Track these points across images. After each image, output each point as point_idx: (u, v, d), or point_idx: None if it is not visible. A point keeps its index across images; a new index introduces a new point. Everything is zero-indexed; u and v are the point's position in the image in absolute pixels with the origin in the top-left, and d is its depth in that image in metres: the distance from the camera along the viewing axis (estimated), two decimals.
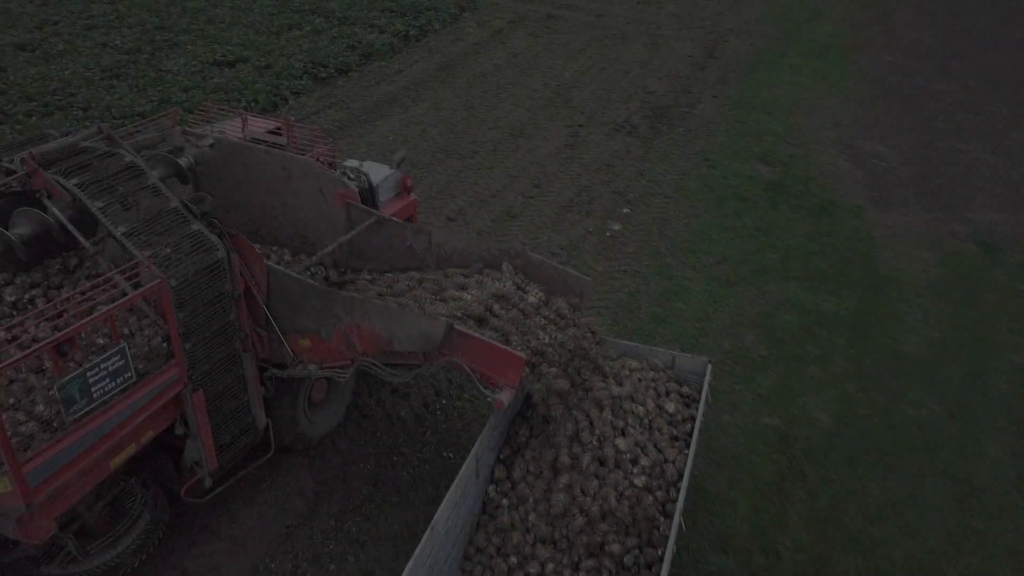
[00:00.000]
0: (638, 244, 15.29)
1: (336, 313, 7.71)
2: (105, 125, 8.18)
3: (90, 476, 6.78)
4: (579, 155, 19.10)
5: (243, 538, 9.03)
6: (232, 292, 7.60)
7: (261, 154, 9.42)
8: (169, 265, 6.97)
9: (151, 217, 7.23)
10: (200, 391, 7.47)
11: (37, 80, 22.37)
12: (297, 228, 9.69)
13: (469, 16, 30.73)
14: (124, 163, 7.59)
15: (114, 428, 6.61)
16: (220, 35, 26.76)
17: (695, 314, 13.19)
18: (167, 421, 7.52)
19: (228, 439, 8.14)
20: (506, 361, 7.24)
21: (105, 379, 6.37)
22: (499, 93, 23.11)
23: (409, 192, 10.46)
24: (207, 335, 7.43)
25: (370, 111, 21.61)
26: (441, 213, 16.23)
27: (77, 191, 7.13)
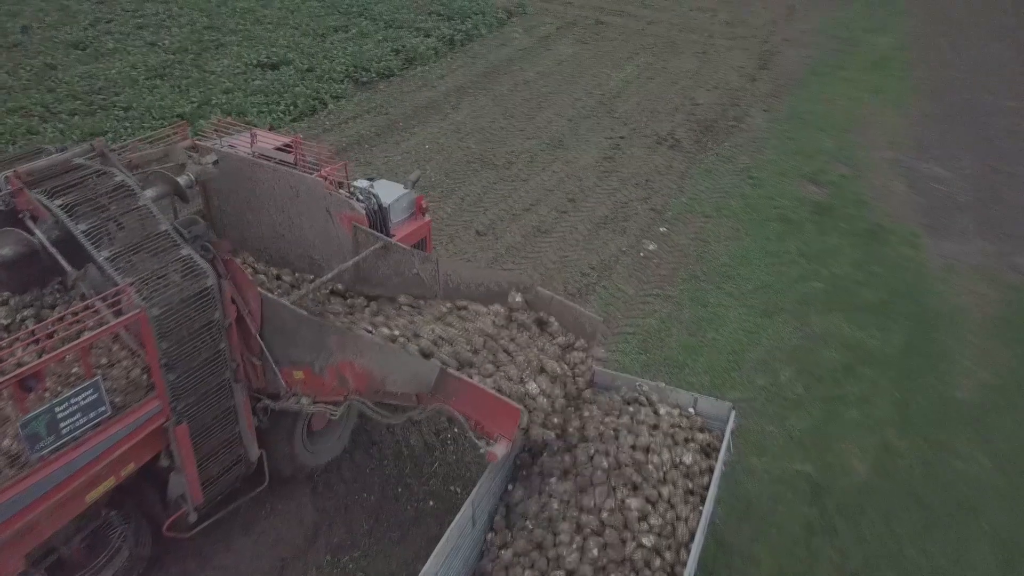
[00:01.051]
0: (673, 266, 14.62)
1: (330, 347, 7.31)
2: (98, 142, 7.86)
3: (64, 511, 6.48)
4: (618, 169, 18.46)
5: (236, 568, 8.69)
6: (222, 321, 7.23)
7: (269, 171, 9.09)
8: (152, 293, 6.61)
9: (138, 241, 6.89)
10: (184, 424, 7.12)
11: (85, 79, 22.62)
12: (305, 249, 9.34)
13: (517, 21, 30.28)
14: (114, 183, 7.25)
15: (87, 464, 6.31)
16: (266, 36, 26.80)
17: (729, 345, 12.48)
18: (151, 453, 7.19)
19: (217, 472, 7.78)
20: (501, 411, 6.74)
21: (76, 414, 6.05)
22: (541, 101, 22.59)
23: (423, 214, 10.02)
24: (194, 365, 7.06)
25: (409, 117, 21.30)
26: (471, 226, 15.79)
27: (60, 213, 6.81)
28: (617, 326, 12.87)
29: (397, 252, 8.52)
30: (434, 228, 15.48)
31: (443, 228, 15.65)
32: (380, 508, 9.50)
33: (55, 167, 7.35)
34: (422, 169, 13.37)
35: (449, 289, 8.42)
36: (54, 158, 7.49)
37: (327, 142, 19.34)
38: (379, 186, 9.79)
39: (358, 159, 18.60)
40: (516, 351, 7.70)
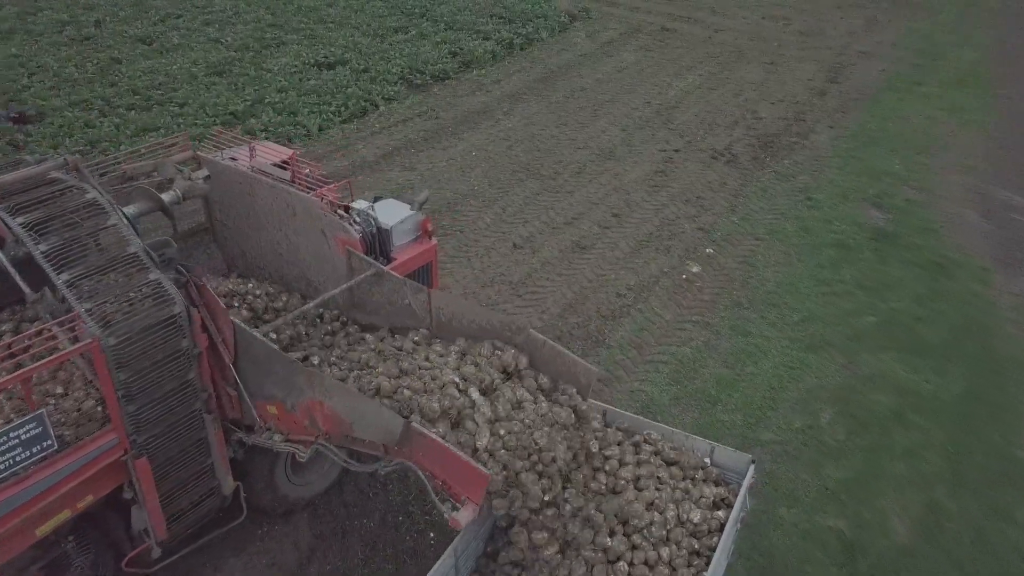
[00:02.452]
0: (716, 291, 13.82)
1: (300, 385, 6.88)
2: (72, 157, 7.51)
3: (10, 545, 6.18)
4: (669, 183, 17.70)
5: None
6: (191, 349, 6.82)
7: (267, 188, 8.76)
8: (110, 320, 6.20)
9: (103, 264, 6.51)
10: (144, 457, 6.74)
11: (147, 74, 23.01)
12: (302, 269, 8.99)
13: (580, 26, 29.67)
14: (84, 200, 6.90)
15: (32, 499, 5.98)
16: (327, 35, 26.86)
17: (767, 381, 11.66)
18: (112, 484, 6.85)
19: (186, 505, 7.40)
20: (469, 474, 6.18)
21: (16, 449, 5.72)
22: (596, 110, 21.95)
23: (430, 237, 9.53)
24: (157, 396, 6.66)
25: (459, 122, 20.94)
26: (509, 239, 15.29)
27: (20, 231, 6.45)
28: (648, 353, 12.18)
29: (390, 280, 8.06)
30: (471, 239, 15.16)
31: (479, 239, 15.21)
32: (378, 537, 9.09)
33: (24, 181, 7.01)
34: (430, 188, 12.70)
35: (441, 323, 7.92)
36: (24, 172, 7.15)
37: (374, 145, 19.17)
38: (383, 206, 9.35)
39: (402, 164, 18.33)
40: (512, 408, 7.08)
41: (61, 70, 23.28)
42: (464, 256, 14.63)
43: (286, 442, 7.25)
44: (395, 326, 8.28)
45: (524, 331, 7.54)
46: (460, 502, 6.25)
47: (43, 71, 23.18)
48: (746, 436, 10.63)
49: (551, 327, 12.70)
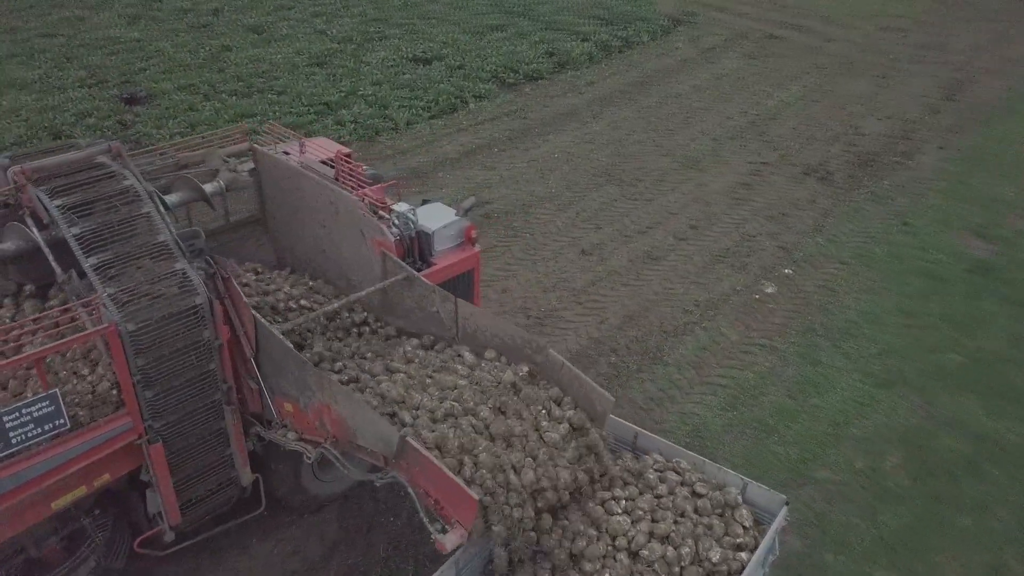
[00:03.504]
0: (789, 315, 13.14)
1: (311, 386, 6.86)
2: (115, 143, 7.69)
3: (25, 515, 6.39)
4: (753, 197, 16.99)
5: (247, 573, 8.57)
6: (212, 341, 6.89)
7: (313, 184, 8.81)
8: (130, 306, 6.31)
9: (131, 250, 6.63)
10: (159, 443, 6.85)
11: (252, 62, 23.93)
12: (342, 267, 9.01)
13: (683, 31, 28.96)
14: (121, 187, 7.06)
15: (44, 474, 6.17)
16: (427, 31, 27.24)
17: (831, 415, 10.98)
18: (129, 466, 7.00)
19: (202, 493, 7.52)
20: (458, 498, 5.98)
21: (28, 424, 5.92)
22: (688, 117, 21.35)
23: (473, 244, 9.31)
24: (176, 384, 6.76)
25: (546, 123, 20.79)
26: (579, 244, 15.04)
27: (56, 213, 6.66)
28: (707, 375, 11.70)
29: (420, 286, 7.97)
30: (539, 242, 14.99)
31: (548, 243, 15.02)
32: (402, 536, 9.08)
33: (68, 165, 7.22)
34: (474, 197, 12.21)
35: (466, 333, 7.77)
36: (70, 156, 7.36)
37: (458, 143, 19.27)
38: (428, 210, 9.22)
39: (483, 163, 18.35)
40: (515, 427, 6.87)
41: (175, 55, 24.53)
42: (529, 259, 14.48)
43: (299, 441, 7.27)
44: (423, 333, 8.21)
45: (544, 351, 7.30)
46: (451, 523, 6.10)
47: (159, 55, 24.48)
48: (799, 472, 10.04)
49: (608, 338, 12.39)
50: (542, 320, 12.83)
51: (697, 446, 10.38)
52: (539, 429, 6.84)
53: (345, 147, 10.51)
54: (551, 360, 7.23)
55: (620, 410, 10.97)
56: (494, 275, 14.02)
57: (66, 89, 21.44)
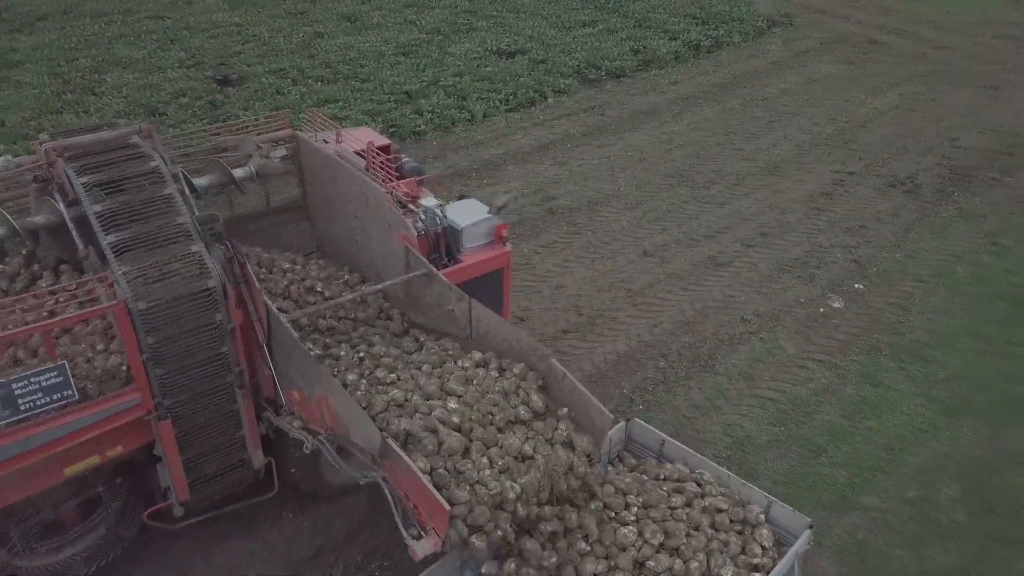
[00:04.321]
0: (854, 331, 12.52)
1: (312, 376, 6.89)
2: (146, 124, 7.85)
3: (39, 479, 6.64)
4: (832, 207, 16.28)
5: (273, 544, 8.79)
6: (225, 324, 6.97)
7: (347, 174, 8.86)
8: (142, 285, 6.44)
9: (150, 230, 6.75)
10: (168, 420, 7.00)
11: (341, 49, 24.50)
12: (371, 258, 9.01)
13: (778, 32, 28.00)
14: (147, 168, 7.18)
15: (52, 442, 6.38)
16: (515, 24, 27.25)
17: (887, 440, 10.41)
18: (141, 440, 7.15)
19: (212, 472, 7.64)
20: (431, 507, 5.91)
21: (36, 393, 6.15)
22: (772, 121, 20.63)
23: (504, 243, 9.17)
24: (187, 364, 6.88)
25: (624, 121, 20.49)
26: (641, 245, 14.76)
27: (81, 190, 6.82)
28: (758, 387, 11.28)
29: (438, 283, 7.90)
30: (601, 240, 14.79)
31: (610, 242, 14.80)
32: None
33: (96, 144, 7.36)
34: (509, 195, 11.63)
35: (479, 335, 7.66)
36: (99, 135, 7.50)
37: (532, 137, 19.21)
38: (460, 206, 9.13)
39: (554, 158, 18.24)
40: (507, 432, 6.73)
41: (270, 40, 25.37)
42: (588, 257, 14.30)
43: (302, 430, 7.30)
44: (440, 330, 8.15)
45: (546, 360, 7.11)
46: (426, 530, 6.04)
47: (255, 40, 25.37)
48: (845, 496, 9.57)
49: (659, 343, 12.11)
50: (593, 319, 12.65)
51: (737, 459, 10.04)
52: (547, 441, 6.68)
53: (386, 139, 10.53)
54: (553, 370, 7.04)
55: (662, 415, 10.73)
56: (550, 271, 13.91)
57: (166, 69, 22.48)
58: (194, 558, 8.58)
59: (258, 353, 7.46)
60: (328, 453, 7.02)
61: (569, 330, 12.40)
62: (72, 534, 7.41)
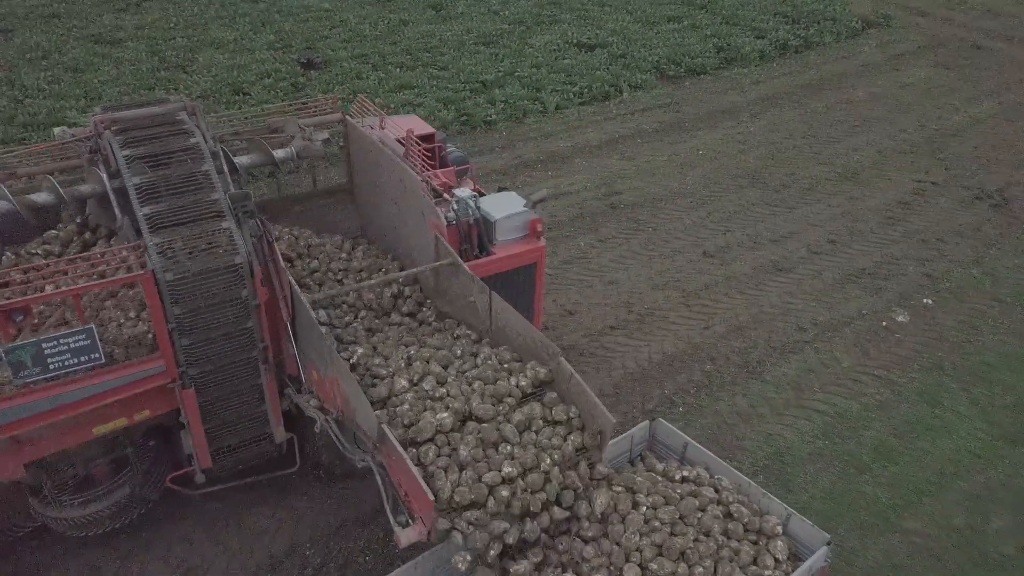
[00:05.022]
0: (917, 348, 11.96)
1: (326, 358, 6.98)
2: (191, 102, 8.05)
3: (69, 435, 6.97)
4: (909, 218, 15.55)
5: (301, 514, 9.04)
6: (251, 300, 7.14)
7: (388, 160, 8.93)
8: (171, 257, 6.64)
9: (184, 204, 6.96)
10: (191, 389, 7.23)
11: (424, 37, 24.82)
12: (409, 244, 9.07)
13: (873, 34, 26.83)
14: (187, 144, 7.39)
15: (79, 401, 6.67)
16: (599, 18, 27.02)
17: (939, 464, 9.91)
18: (168, 406, 7.41)
19: (234, 443, 7.86)
20: (418, 497, 5.92)
21: (65, 354, 6.45)
22: (857, 126, 19.83)
23: (539, 237, 9.06)
24: (212, 336, 7.09)
25: (699, 119, 20.08)
26: (702, 245, 14.46)
27: (122, 162, 7.05)
28: (806, 398, 10.91)
29: (463, 274, 7.88)
30: (661, 238, 14.59)
31: (670, 241, 14.57)
32: None
33: (143, 118, 7.61)
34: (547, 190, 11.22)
35: (497, 327, 7.63)
36: (146, 110, 7.74)
37: (602, 131, 19.05)
38: (497, 199, 9.05)
39: (622, 153, 18.05)
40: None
41: (357, 26, 25.92)
42: (646, 254, 14.11)
43: (318, 409, 7.41)
44: (464, 320, 8.16)
45: (555, 358, 7.02)
46: (414, 519, 6.06)
47: (343, 25, 25.98)
48: (886, 518, 9.17)
49: (708, 345, 11.86)
50: (643, 317, 12.49)
51: (775, 470, 9.76)
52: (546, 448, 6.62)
53: (430, 127, 10.56)
54: (561, 369, 6.95)
55: (702, 419, 10.53)
56: (605, 266, 13.79)
57: (255, 51, 23.27)
58: (227, 520, 8.94)
59: (284, 331, 7.61)
60: (333, 434, 7.13)
61: (616, 326, 12.28)
62: (99, 491, 7.75)
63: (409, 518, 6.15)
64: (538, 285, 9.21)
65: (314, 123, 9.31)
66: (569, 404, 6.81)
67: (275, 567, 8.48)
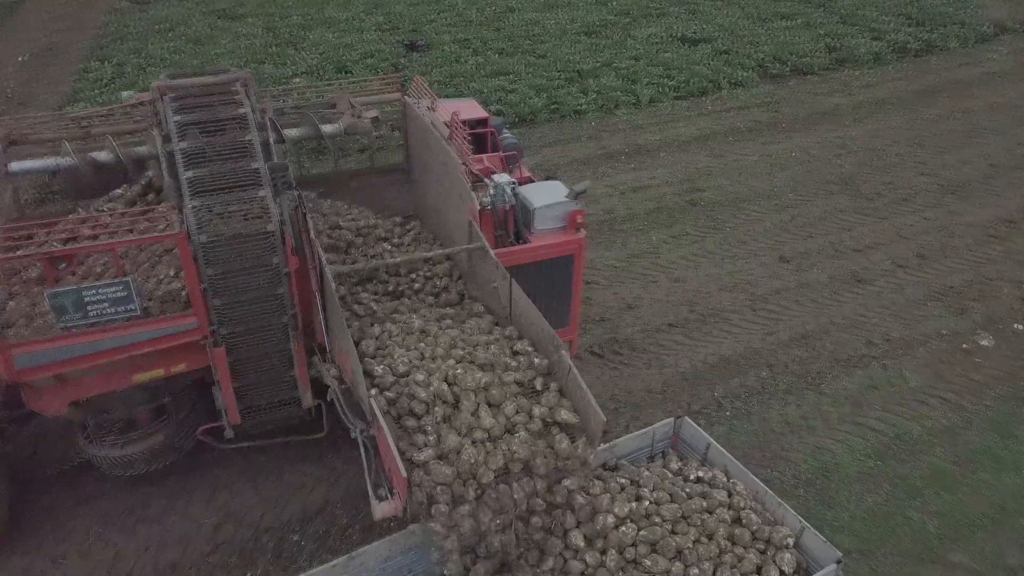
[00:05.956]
0: (997, 375, 11.20)
1: (339, 329, 7.11)
2: (244, 72, 8.34)
3: (111, 379, 7.45)
4: (1012, 237, 14.53)
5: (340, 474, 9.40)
6: (281, 267, 7.39)
7: (435, 142, 9.03)
8: (207, 220, 6.90)
9: (225, 171, 7.13)
10: (222, 347, 7.55)
11: (527, 24, 25.03)
12: (449, 227, 9.13)
13: (1006, 40, 25.04)
14: (236, 113, 7.56)
15: (116, 348, 7.10)
16: (707, 12, 26.45)
17: (1001, 498, 9.28)
18: (203, 362, 7.75)
19: (262, 403, 8.17)
20: (394, 471, 5.94)
21: (103, 303, 6.87)
22: (971, 136, 18.63)
23: (577, 230, 8.92)
24: (244, 299, 7.31)
25: (797, 120, 19.38)
26: (780, 250, 14.01)
27: (173, 127, 7.38)
28: (863, 415, 10.43)
29: (489, 259, 7.87)
30: (739, 239, 14.33)
31: (748, 242, 14.19)
32: None
33: (198, 87, 7.84)
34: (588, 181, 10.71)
35: (515, 315, 7.60)
36: (202, 79, 8.07)
37: (694, 126, 18.70)
38: (541, 187, 8.98)
39: (711, 150, 17.67)
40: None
41: (464, 11, 26.39)
42: (719, 254, 13.80)
43: (335, 378, 7.55)
44: (488, 305, 8.20)
45: (558, 351, 6.94)
46: (392, 494, 6.15)
47: (450, 10, 26.50)
48: (931, 548, 8.69)
49: (768, 351, 11.51)
50: (704, 317, 12.24)
51: (818, 485, 9.41)
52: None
53: (485, 112, 10.61)
54: (560, 362, 6.90)
55: (749, 425, 10.26)
56: (674, 262, 13.58)
57: (363, 31, 24.08)
58: (268, 472, 9.42)
59: (314, 301, 7.85)
60: (338, 403, 7.34)
61: (676, 324, 12.08)
62: (137, 435, 8.32)
63: (388, 492, 6.28)
64: (576, 278, 9.13)
65: (372, 102, 9.57)
66: (566, 398, 6.79)
67: (306, 521, 8.89)
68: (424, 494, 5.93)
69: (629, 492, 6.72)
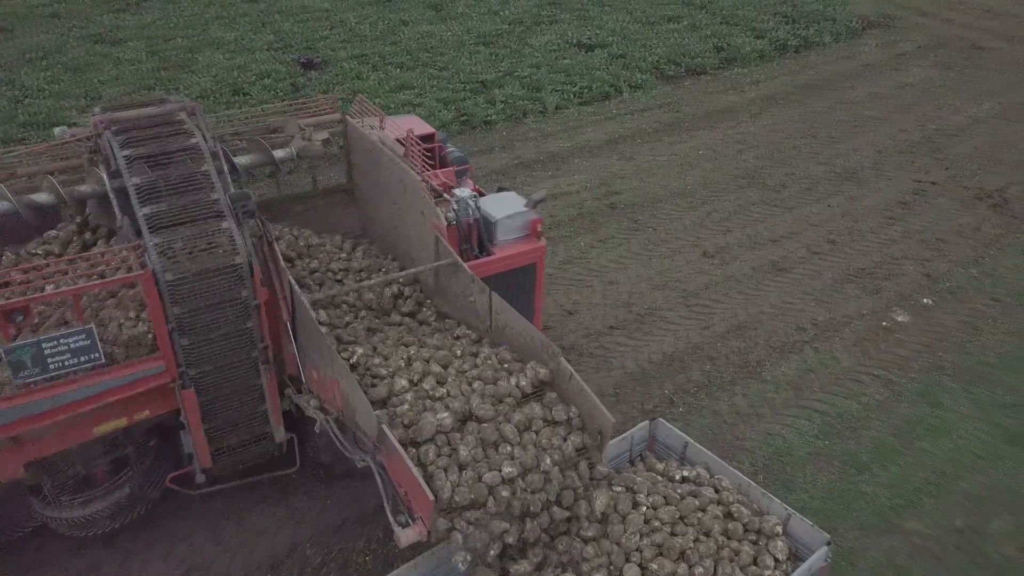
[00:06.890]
0: (917, 348, 11.94)
1: (325, 358, 6.95)
2: (191, 102, 8.01)
3: (69, 435, 6.95)
4: (908, 217, 15.54)
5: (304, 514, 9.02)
6: (250, 300, 7.11)
7: (387, 160, 8.89)
8: (171, 257, 6.60)
9: (184, 204, 6.86)
10: (191, 389, 7.21)
11: (424, 37, 24.82)
12: (408, 245, 9.02)
13: (874, 34, 26.84)
14: (187, 144, 7.26)
15: (79, 401, 6.67)
16: (598, 17, 27.03)
17: (940, 464, 9.89)
18: (168, 406, 7.38)
19: (235, 443, 7.84)
20: (418, 496, 5.87)
21: (65, 354, 6.44)
22: (857, 126, 19.82)
23: (538, 238, 9.04)
24: (212, 337, 7.06)
25: (698, 119, 20.07)
26: (702, 246, 14.45)
27: (122, 163, 7.00)
28: (805, 398, 10.89)
29: (463, 274, 7.83)
30: (660, 239, 14.59)
31: (670, 241, 14.55)
32: None
33: (142, 118, 7.47)
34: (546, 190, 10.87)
35: (497, 328, 7.59)
36: (145, 110, 7.67)
37: (602, 131, 19.03)
38: (497, 199, 9.02)
39: (622, 153, 18.03)
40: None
41: (356, 26, 25.92)
42: (646, 255, 14.09)
43: (318, 409, 7.36)
44: (464, 320, 8.13)
45: (556, 358, 6.98)
46: (414, 519, 6.03)
47: (342, 26, 25.97)
48: (886, 519, 9.14)
49: (708, 345, 11.84)
50: (642, 317, 12.47)
51: (775, 470, 9.74)
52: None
53: (430, 127, 10.54)
54: (560, 369, 6.92)
55: (702, 419, 10.51)
56: (605, 266, 13.78)
57: (255, 51, 23.27)
58: (228, 519, 8.92)
59: (284, 331, 7.57)
60: (333, 434, 7.09)
61: (616, 326, 12.26)
62: (99, 491, 7.72)
63: (409, 518, 6.10)
64: (538, 285, 9.18)
65: (314, 123, 9.25)
66: (569, 404, 6.78)
67: (276, 566, 8.46)
68: (450, 517, 5.84)
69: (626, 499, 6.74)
